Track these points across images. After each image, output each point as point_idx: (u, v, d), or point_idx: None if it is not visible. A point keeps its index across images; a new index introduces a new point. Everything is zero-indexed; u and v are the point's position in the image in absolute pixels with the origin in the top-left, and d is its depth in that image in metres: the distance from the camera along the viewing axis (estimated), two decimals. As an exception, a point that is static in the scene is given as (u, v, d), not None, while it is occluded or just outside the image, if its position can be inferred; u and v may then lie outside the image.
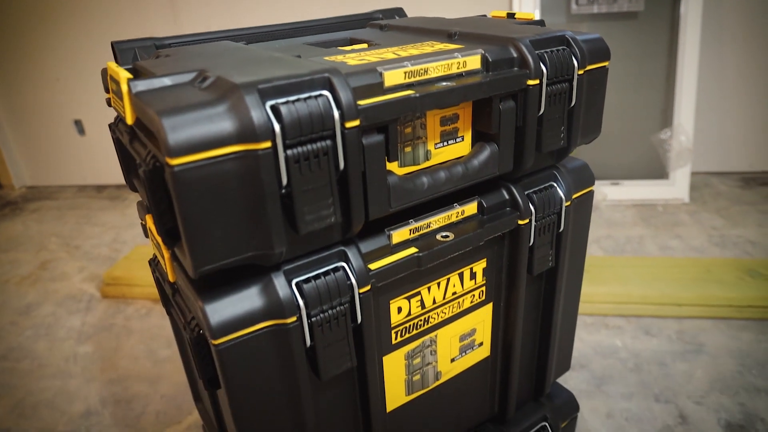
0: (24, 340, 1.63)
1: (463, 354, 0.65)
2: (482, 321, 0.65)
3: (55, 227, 2.38)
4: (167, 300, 0.63)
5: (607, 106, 0.64)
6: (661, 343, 1.47)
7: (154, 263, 0.62)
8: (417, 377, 0.62)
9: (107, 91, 0.57)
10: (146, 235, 0.65)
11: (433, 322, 0.59)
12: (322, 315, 0.46)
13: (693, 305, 1.51)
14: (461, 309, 0.62)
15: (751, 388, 1.32)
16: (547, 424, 0.78)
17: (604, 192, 2.20)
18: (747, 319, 1.53)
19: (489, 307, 0.64)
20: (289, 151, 0.39)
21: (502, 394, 0.72)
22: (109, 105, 0.58)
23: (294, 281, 0.46)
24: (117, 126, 0.53)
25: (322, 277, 0.46)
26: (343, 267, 0.47)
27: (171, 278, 0.50)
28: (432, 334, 0.60)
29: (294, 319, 0.45)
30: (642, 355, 1.44)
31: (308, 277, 0.46)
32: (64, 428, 1.28)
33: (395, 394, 0.60)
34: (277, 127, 0.39)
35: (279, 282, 0.45)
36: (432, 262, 0.52)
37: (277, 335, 0.45)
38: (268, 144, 0.39)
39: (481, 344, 0.66)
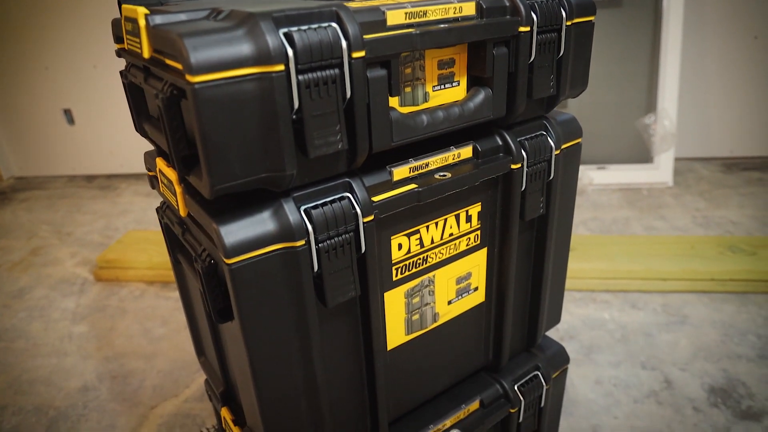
0: (18, 322, 1.63)
1: (460, 297, 0.68)
2: (477, 265, 0.68)
3: (46, 215, 2.37)
4: (175, 245, 0.65)
5: (592, 92, 0.67)
6: (646, 316, 1.52)
7: (161, 210, 0.64)
8: (416, 317, 0.64)
9: (118, 41, 0.59)
10: (153, 186, 0.67)
11: (431, 261, 0.62)
12: (328, 241, 0.49)
13: (677, 279, 1.56)
14: (458, 251, 0.65)
15: (732, 355, 1.37)
16: (539, 373, 0.81)
17: (591, 176, 2.25)
18: (728, 293, 1.59)
19: (483, 252, 0.67)
20: (300, 76, 0.42)
21: (496, 341, 0.75)
22: (119, 56, 0.60)
23: (303, 207, 0.48)
24: (129, 70, 0.55)
25: (329, 205, 0.49)
26: (348, 197, 0.50)
27: (183, 213, 0.52)
28: (430, 274, 0.63)
29: (303, 242, 0.48)
30: (629, 326, 1.49)
31: (316, 204, 0.49)
32: (61, 403, 1.29)
33: (396, 333, 0.63)
34: (290, 51, 0.41)
35: (289, 207, 0.47)
36: (431, 198, 0.55)
37: (287, 258, 0.47)
38: (281, 67, 0.41)
39: (476, 289, 0.69)
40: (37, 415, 1.26)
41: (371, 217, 0.51)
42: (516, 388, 0.77)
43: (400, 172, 0.54)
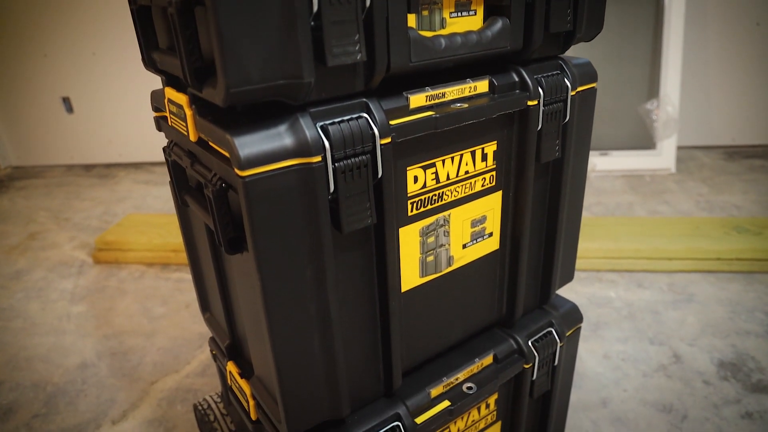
0: (15, 302, 1.60)
1: (474, 242, 0.66)
2: (492, 209, 0.66)
3: (43, 202, 2.35)
4: (182, 186, 0.63)
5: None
6: (653, 294, 1.51)
7: (168, 149, 0.62)
8: (431, 258, 0.63)
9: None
10: (159, 128, 0.65)
11: (446, 199, 0.60)
12: (345, 161, 0.47)
13: (683, 259, 1.55)
14: (473, 191, 0.63)
15: (741, 331, 1.36)
16: (553, 330, 0.79)
17: (594, 162, 2.25)
18: (734, 272, 1.58)
19: (498, 195, 0.66)
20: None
21: (509, 293, 0.74)
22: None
23: (319, 124, 0.47)
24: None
25: (347, 123, 0.47)
26: (365, 117, 0.49)
27: (193, 137, 0.51)
28: (445, 213, 0.61)
29: (319, 159, 0.46)
30: (635, 304, 1.47)
31: (333, 122, 0.47)
32: (59, 379, 1.26)
33: (410, 274, 0.61)
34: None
35: (306, 122, 0.46)
36: (448, 125, 0.53)
37: (302, 176, 0.46)
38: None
39: (490, 234, 0.68)
40: (34, 390, 1.23)
41: (388, 140, 0.49)
42: (530, 343, 0.75)
43: (416, 99, 0.53)
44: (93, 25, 2.43)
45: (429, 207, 0.58)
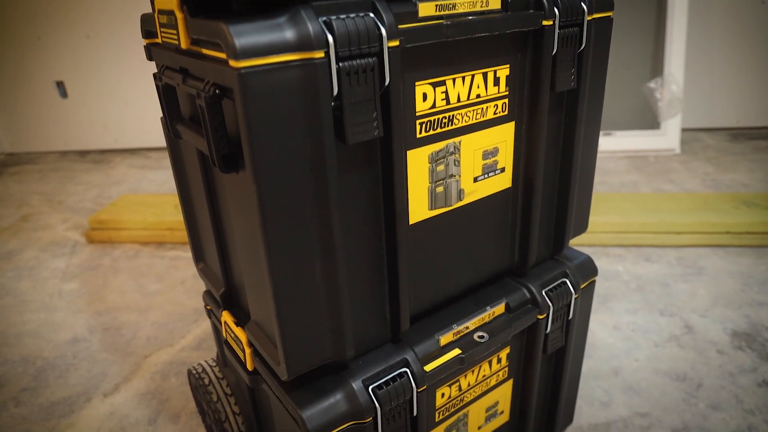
0: (5, 281, 1.55)
1: (486, 176, 0.62)
2: (504, 141, 0.62)
3: (37, 186, 2.30)
4: (174, 115, 0.59)
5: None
6: (661, 268, 1.47)
7: (159, 74, 0.58)
8: (440, 189, 0.59)
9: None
10: (150, 57, 0.61)
11: (457, 124, 0.56)
12: (350, 62, 0.43)
13: (692, 233, 1.51)
14: (485, 118, 0.59)
15: (754, 303, 1.32)
16: (567, 281, 0.75)
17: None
18: (745, 246, 1.54)
19: (511, 126, 0.62)
20: None
21: (522, 238, 0.70)
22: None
23: (322, 18, 0.43)
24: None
25: (352, 19, 0.43)
26: (372, 17, 0.45)
27: (184, 44, 0.47)
28: (456, 139, 0.57)
29: (322, 54, 0.42)
30: (644, 277, 1.43)
31: (338, 17, 0.43)
32: (49, 354, 1.22)
33: (418, 206, 0.57)
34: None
35: (308, 14, 0.41)
36: (458, 35, 0.49)
37: (303, 73, 0.42)
38: None
39: (503, 170, 0.64)
40: (23, 365, 1.19)
41: (397, 43, 0.45)
42: (544, 293, 0.71)
43: (425, 7, 0.49)
44: (87, 7, 2.38)
45: (439, 130, 0.54)
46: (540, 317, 0.70)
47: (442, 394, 0.66)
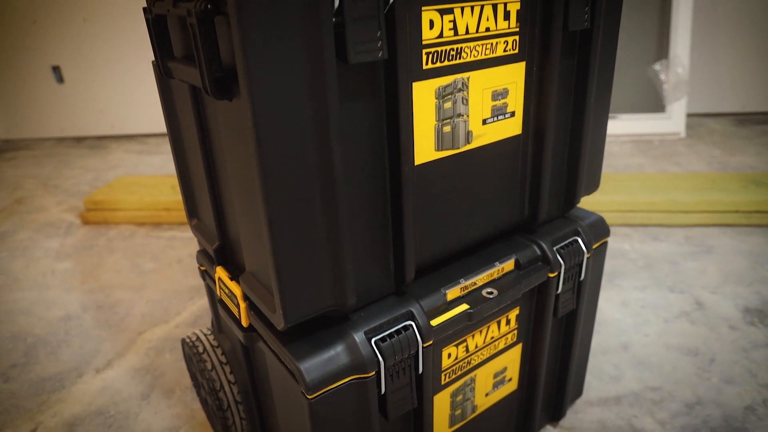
0: (-3, 260, 1.52)
1: (495, 119, 0.59)
2: (515, 82, 0.59)
3: (32, 171, 2.26)
4: (164, 49, 0.56)
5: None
6: (669, 246, 1.44)
7: (149, 6, 0.54)
8: (447, 128, 0.55)
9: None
10: None
11: (465, 58, 0.52)
12: None
13: (700, 212, 1.48)
14: (494, 54, 0.55)
15: (765, 280, 1.28)
16: (579, 239, 0.72)
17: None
18: (754, 226, 1.50)
19: (522, 66, 0.58)
20: None
21: (532, 193, 0.66)
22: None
23: None
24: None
25: None
26: None
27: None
28: (464, 75, 0.53)
29: None
30: (651, 255, 1.40)
31: None
32: (41, 331, 1.18)
33: (424, 145, 0.54)
34: None
35: None
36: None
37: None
38: None
39: (512, 114, 0.60)
40: (14, 341, 1.15)
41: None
42: (555, 250, 0.68)
43: None
44: (83, -11, 2.35)
45: (446, 63, 0.51)
46: (551, 275, 0.67)
47: (449, 355, 0.63)
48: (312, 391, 0.50)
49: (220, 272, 0.63)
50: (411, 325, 0.55)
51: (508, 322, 0.68)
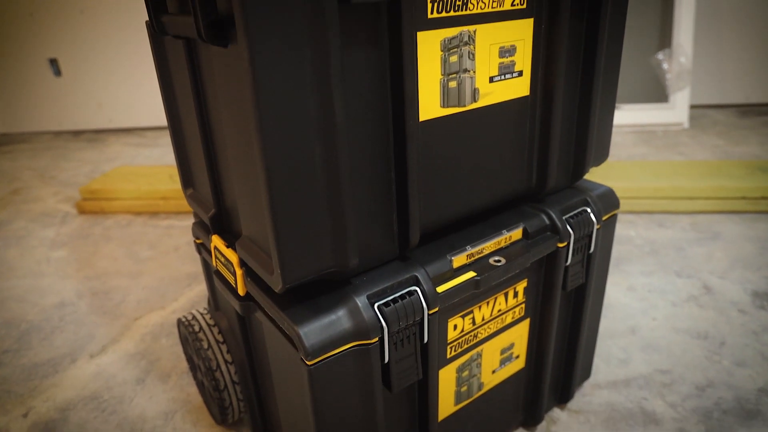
0: (-9, 249, 1.50)
1: (503, 77, 0.57)
2: (523, 39, 0.56)
3: (29, 163, 2.24)
4: (159, 5, 0.53)
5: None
6: (675, 233, 1.41)
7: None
8: (453, 84, 0.53)
9: None
10: None
11: (472, 9, 0.50)
12: None
13: (706, 198, 1.46)
14: (502, 8, 0.53)
15: (773, 265, 1.27)
16: (588, 210, 0.70)
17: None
18: (761, 212, 1.48)
19: (530, 23, 0.56)
20: None
21: (541, 160, 0.64)
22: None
23: None
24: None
25: None
26: None
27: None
28: (470, 28, 0.51)
29: None
30: (657, 241, 1.38)
31: None
32: (34, 318, 1.16)
33: (430, 101, 0.51)
34: None
35: None
36: None
37: None
38: None
39: (520, 73, 0.58)
40: (7, 328, 1.12)
41: None
42: (564, 219, 0.66)
43: None
44: (81, -19, 2.33)
45: (452, 14, 0.48)
46: (560, 246, 0.65)
47: (455, 326, 0.60)
48: (312, 356, 0.47)
49: (216, 241, 0.60)
50: (416, 291, 0.52)
51: (515, 295, 0.66)
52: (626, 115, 2.09)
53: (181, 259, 1.35)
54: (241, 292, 0.57)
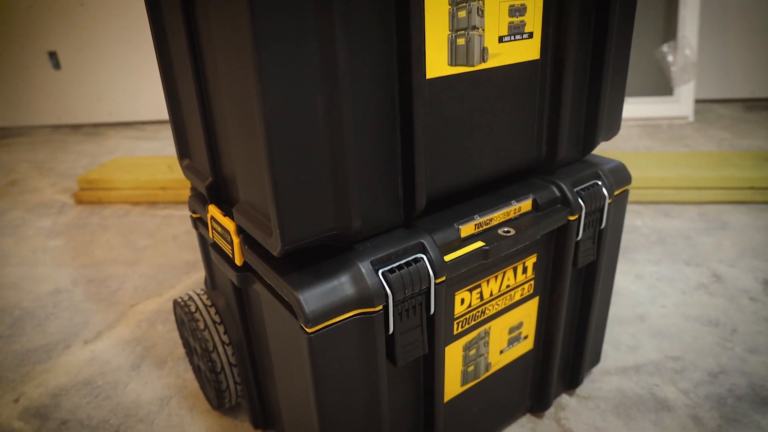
0: (-14, 238, 1.47)
1: (512, 38, 0.54)
2: (533, 2, 0.54)
3: (27, 156, 2.21)
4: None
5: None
6: (682, 222, 1.39)
7: None
8: (461, 41, 0.50)
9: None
10: None
11: None
12: None
13: (713, 188, 1.43)
14: (514, -38, 0.51)
15: (784, 254, 1.24)
16: (600, 183, 0.67)
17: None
18: (769, 203, 1.46)
19: (543, -18, 0.54)
20: None
21: (550, 128, 0.61)
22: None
23: None
24: None
25: None
26: None
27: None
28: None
29: None
30: (665, 231, 1.35)
31: None
32: (29, 305, 1.13)
33: (437, 58, 0.49)
34: None
35: None
36: None
37: None
38: None
39: (530, 35, 0.56)
40: (0, 315, 1.10)
41: None
42: (575, 191, 0.63)
43: None
44: (81, -27, 2.31)
45: (462, -32, 0.46)
46: (571, 218, 0.62)
47: (462, 300, 0.58)
48: (312, 323, 0.45)
49: (213, 210, 0.58)
50: (422, 258, 0.50)
51: (524, 270, 0.63)
52: (630, 109, 2.07)
53: (180, 247, 1.32)
54: (238, 261, 0.54)
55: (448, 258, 0.52)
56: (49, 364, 0.94)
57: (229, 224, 0.54)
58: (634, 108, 2.07)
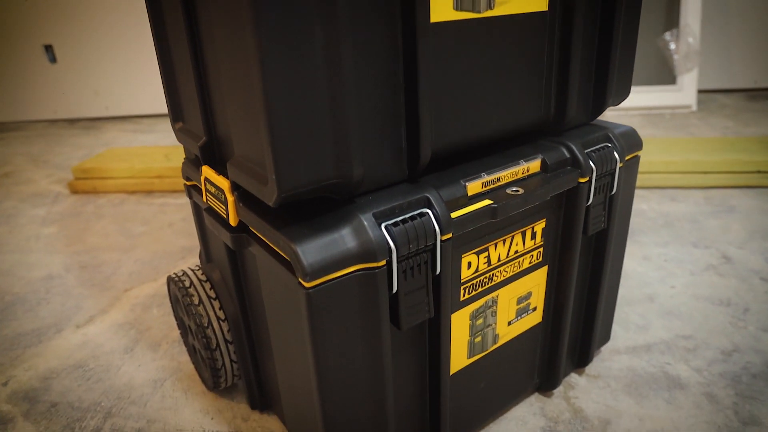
0: (-22, 227, 1.44)
1: (521, -14, 0.52)
2: (544, -57, 0.52)
3: (22, 148, 2.18)
4: None
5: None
6: (689, 206, 1.36)
7: None
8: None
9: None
10: None
11: None
12: None
13: (720, 172, 1.40)
14: None
15: (793, 236, 1.21)
16: (610, 146, 0.65)
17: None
18: (776, 187, 1.43)
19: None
20: None
21: (559, 86, 0.59)
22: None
23: None
24: None
25: None
26: None
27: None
28: None
29: None
30: (671, 215, 1.32)
31: None
32: (20, 290, 1.10)
33: (442, 3, 0.46)
34: None
35: None
36: None
37: None
38: None
39: (540, -16, 0.54)
40: (-10, 300, 1.07)
41: None
42: (586, 153, 0.60)
43: None
44: (77, -34, 2.29)
45: None
46: (581, 181, 0.59)
47: (469, 264, 0.55)
48: (311, 277, 0.42)
49: (207, 171, 0.55)
50: (427, 213, 0.47)
51: (533, 236, 0.60)
52: (633, 97, 2.04)
53: (176, 234, 1.30)
54: (232, 221, 0.51)
55: (454, 215, 0.49)
56: (40, 347, 0.91)
57: (223, 182, 0.51)
58: (637, 97, 2.05)
